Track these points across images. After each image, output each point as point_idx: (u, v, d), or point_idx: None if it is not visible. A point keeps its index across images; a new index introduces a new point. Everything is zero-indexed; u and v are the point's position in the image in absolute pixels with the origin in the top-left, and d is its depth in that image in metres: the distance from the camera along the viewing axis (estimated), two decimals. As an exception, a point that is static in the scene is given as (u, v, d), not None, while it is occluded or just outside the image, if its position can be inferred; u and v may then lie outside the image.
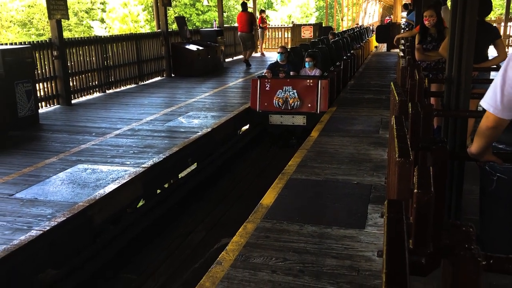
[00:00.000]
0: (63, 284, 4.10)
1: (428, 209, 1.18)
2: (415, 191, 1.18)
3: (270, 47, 20.96)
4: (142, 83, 11.98)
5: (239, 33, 15.16)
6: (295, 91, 8.20)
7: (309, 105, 8.17)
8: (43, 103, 8.83)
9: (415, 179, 1.24)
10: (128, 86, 11.46)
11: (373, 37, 20.91)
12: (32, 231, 3.79)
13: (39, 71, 8.63)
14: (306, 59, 8.62)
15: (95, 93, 10.43)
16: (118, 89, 11.06)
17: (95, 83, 10.47)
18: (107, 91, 10.72)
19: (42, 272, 4.03)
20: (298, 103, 8.19)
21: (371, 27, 24.76)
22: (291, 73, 8.63)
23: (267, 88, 8.35)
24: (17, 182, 4.90)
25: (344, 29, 21.50)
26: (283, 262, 3.22)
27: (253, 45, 15.82)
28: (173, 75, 13.05)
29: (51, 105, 9.05)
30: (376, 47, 22.63)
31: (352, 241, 3.49)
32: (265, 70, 8.76)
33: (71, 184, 4.82)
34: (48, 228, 3.85)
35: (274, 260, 3.25)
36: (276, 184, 4.71)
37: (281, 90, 8.27)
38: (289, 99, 8.21)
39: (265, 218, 3.92)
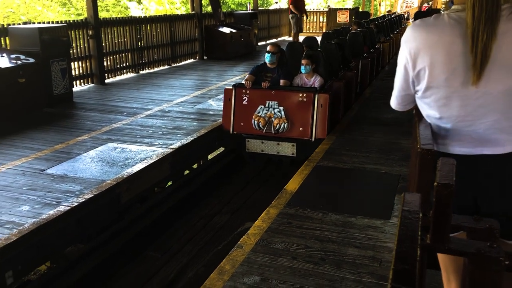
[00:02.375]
0: (90, 259, 4.21)
1: (448, 203, 1.12)
2: (435, 183, 1.13)
3: (304, 31, 20.68)
4: (174, 65, 12.05)
5: (290, 15, 14.85)
6: (281, 108, 5.84)
7: (301, 128, 5.79)
8: (78, 82, 9.00)
9: (437, 170, 1.18)
10: (161, 68, 11.55)
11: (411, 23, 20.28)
12: (61, 206, 3.89)
13: (74, 50, 8.78)
14: (303, 62, 6.10)
15: (128, 73, 10.56)
16: (150, 70, 11.16)
17: (128, 63, 10.59)
18: (140, 72, 10.83)
19: (70, 246, 4.15)
20: (286, 125, 5.82)
21: (405, 15, 23.22)
22: (281, 81, 6.15)
23: (244, 102, 6.02)
24: (48, 158, 5.03)
25: (382, 15, 20.93)
26: (304, 249, 3.20)
27: (300, 28, 15.50)
28: (205, 57, 13.06)
29: (85, 84, 9.22)
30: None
31: (376, 232, 3.43)
32: (247, 75, 6.40)
33: (100, 162, 4.91)
34: (76, 204, 3.94)
35: (295, 247, 3.23)
36: (302, 170, 4.67)
37: (262, 106, 5.92)
38: (273, 119, 5.86)
39: (289, 204, 3.89)
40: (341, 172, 4.67)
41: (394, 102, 1.84)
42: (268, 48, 6.31)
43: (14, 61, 6.70)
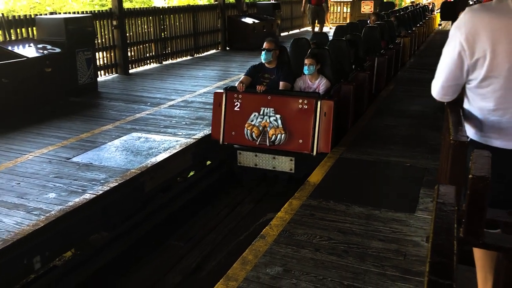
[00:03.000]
0: (114, 247, 4.27)
1: (483, 196, 1.09)
2: (470, 176, 1.09)
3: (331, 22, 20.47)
4: (197, 55, 12.07)
5: (310, 5, 14.64)
6: (278, 116, 5.04)
7: (300, 141, 4.99)
8: (102, 72, 9.10)
9: (471, 163, 1.15)
10: (184, 58, 11.59)
11: (437, 14, 19.87)
12: (86, 194, 3.95)
13: (99, 40, 8.88)
14: (306, 61, 5.23)
15: (151, 63, 10.63)
16: (174, 61, 11.21)
17: (152, 53, 10.66)
18: (163, 62, 10.89)
19: (94, 234, 4.22)
20: (283, 136, 5.01)
21: (430, 6, 22.36)
22: (280, 84, 5.27)
23: (236, 108, 5.24)
24: (74, 146, 5.11)
25: (406, 6, 20.52)
26: (327, 241, 3.18)
27: (323, 19, 15.27)
28: (227, 48, 13.05)
29: (110, 74, 9.32)
30: (439, 24, 21.55)
31: (400, 225, 3.38)
32: (242, 76, 5.57)
33: (124, 151, 4.97)
34: (101, 192, 4.00)
35: (318, 239, 3.21)
36: (325, 162, 4.63)
37: (256, 114, 5.12)
38: (268, 128, 5.06)
39: (312, 196, 3.87)
40: (365, 164, 4.61)
41: (438, 93, 1.76)
42: (265, 43, 5.36)
43: (41, 51, 6.81)
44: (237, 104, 5.24)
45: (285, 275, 2.80)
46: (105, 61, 9.25)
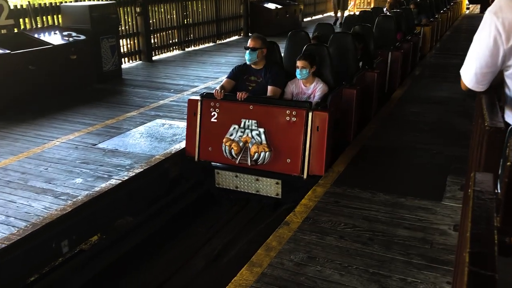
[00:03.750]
0: (139, 232, 4.33)
1: (522, 185, 1.05)
2: (508, 163, 1.05)
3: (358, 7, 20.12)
4: (219, 42, 12.04)
5: None
6: (262, 130, 4.18)
7: (288, 160, 4.14)
8: (126, 59, 9.16)
9: (509, 150, 1.11)
10: (206, 45, 11.57)
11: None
12: (112, 179, 4.01)
13: (122, 27, 8.92)
14: (298, 64, 4.38)
15: (174, 50, 10.65)
16: (196, 47, 11.21)
17: (175, 40, 10.68)
18: (186, 49, 10.90)
19: (120, 218, 4.28)
20: (267, 154, 4.16)
21: None
22: (269, 89, 4.43)
23: (213, 119, 4.37)
24: (100, 133, 5.18)
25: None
26: (352, 229, 3.15)
27: (345, 5, 15.06)
28: (250, 34, 12.97)
29: (133, 61, 9.38)
30: (467, 8, 20.97)
31: (426, 213, 3.33)
32: (223, 80, 4.73)
33: (149, 138, 5.01)
34: (126, 178, 4.05)
35: (343, 226, 3.19)
36: (349, 150, 4.58)
37: (236, 126, 4.27)
38: (249, 145, 4.21)
39: (336, 184, 3.84)
40: (390, 151, 4.55)
41: (471, 81, 1.69)
42: (250, 40, 4.49)
43: (66, 38, 6.89)
44: (214, 114, 4.36)
45: (309, 262, 2.79)
46: (129, 48, 9.30)
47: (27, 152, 4.61)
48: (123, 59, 8.80)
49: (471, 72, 1.66)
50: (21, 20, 7.09)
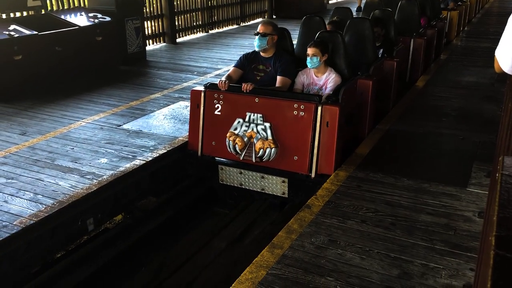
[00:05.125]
0: (163, 212, 4.40)
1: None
2: (538, 148, 1.02)
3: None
4: (243, 24, 11.97)
5: None
6: (268, 124, 3.92)
7: (295, 157, 3.90)
8: (150, 41, 9.21)
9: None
10: (230, 27, 11.53)
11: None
12: (136, 160, 4.07)
13: (147, 9, 8.95)
14: (308, 51, 4.11)
15: (198, 32, 10.64)
16: (220, 30, 11.18)
17: (199, 22, 10.67)
18: (210, 31, 10.88)
19: (143, 198, 4.35)
20: (273, 151, 3.90)
21: None
22: (278, 79, 4.17)
23: (216, 112, 4.14)
24: (124, 114, 5.25)
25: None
26: (374, 213, 3.14)
27: None
28: (274, 16, 12.86)
29: (157, 43, 9.42)
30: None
31: (451, 199, 3.28)
32: (230, 68, 4.46)
33: (172, 120, 5.05)
34: (150, 158, 4.10)
35: (365, 210, 3.18)
36: (373, 134, 4.53)
37: (241, 120, 4.02)
38: (254, 140, 3.96)
39: (359, 168, 3.81)
40: (414, 136, 4.48)
41: (508, 64, 1.63)
42: (259, 27, 4.23)
43: (92, 20, 6.95)
44: (218, 107, 4.12)
45: (330, 245, 2.80)
46: (153, 30, 9.34)
47: (54, 132, 4.71)
48: (147, 41, 8.85)
49: (509, 55, 1.61)
50: (48, 1, 7.18)
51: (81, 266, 3.62)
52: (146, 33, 8.82)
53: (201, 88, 4.26)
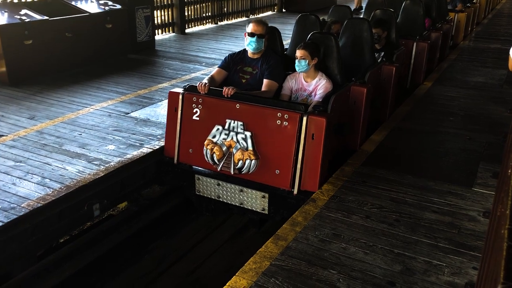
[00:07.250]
0: (167, 201, 4.43)
1: None
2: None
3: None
4: (252, 16, 11.94)
5: None
6: (248, 134, 3.57)
7: (277, 171, 3.54)
8: (159, 30, 9.21)
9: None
10: (239, 19, 11.51)
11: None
12: (143, 148, 4.09)
13: (157, -1, 8.95)
14: (297, 53, 3.75)
15: (207, 23, 10.63)
16: (229, 21, 11.16)
17: (208, 14, 10.65)
18: (219, 23, 10.86)
19: (148, 187, 4.38)
20: (253, 163, 3.55)
21: None
22: (264, 83, 3.80)
23: (195, 117, 3.79)
24: (132, 102, 5.26)
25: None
26: (379, 209, 3.15)
27: None
28: (283, 10, 12.82)
29: (167, 33, 9.42)
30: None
31: (456, 198, 3.29)
32: (214, 69, 4.13)
33: (179, 109, 5.05)
34: (157, 147, 4.12)
35: (369, 206, 3.19)
36: (380, 131, 4.53)
37: (220, 127, 3.66)
38: (234, 150, 3.62)
39: (364, 164, 3.82)
40: (421, 135, 4.48)
41: None
42: (251, 26, 3.79)
43: (103, 7, 6.96)
44: (196, 112, 3.76)
45: (334, 238, 2.81)
46: (163, 20, 9.34)
47: (62, 117, 4.74)
48: (156, 31, 8.85)
49: None
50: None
51: (85, 251, 3.66)
52: (156, 22, 8.82)
53: (180, 90, 3.89)
